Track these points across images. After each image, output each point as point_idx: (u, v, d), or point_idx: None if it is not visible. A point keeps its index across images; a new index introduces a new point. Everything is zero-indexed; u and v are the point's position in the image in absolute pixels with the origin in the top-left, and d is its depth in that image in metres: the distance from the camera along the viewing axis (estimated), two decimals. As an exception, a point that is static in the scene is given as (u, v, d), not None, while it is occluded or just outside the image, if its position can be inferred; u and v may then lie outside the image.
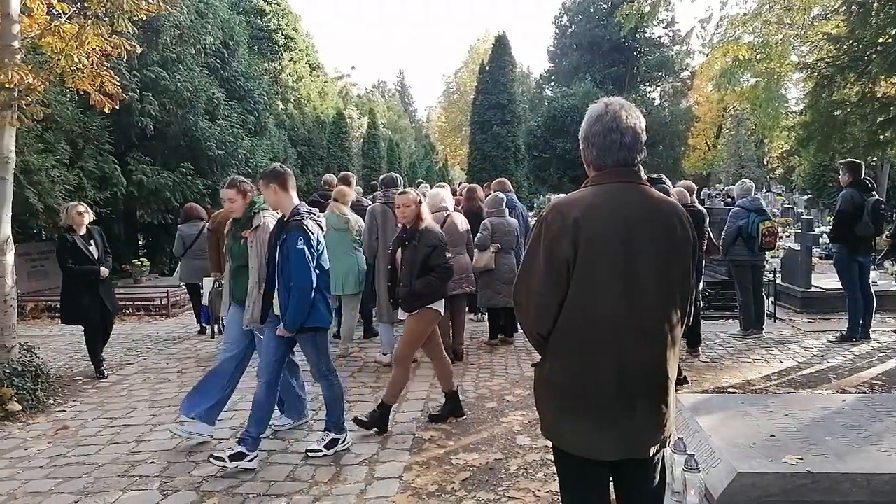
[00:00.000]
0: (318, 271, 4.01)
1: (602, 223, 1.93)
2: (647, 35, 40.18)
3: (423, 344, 4.73)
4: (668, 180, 5.77)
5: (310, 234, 3.97)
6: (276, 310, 4.07)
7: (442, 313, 4.73)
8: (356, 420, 4.53)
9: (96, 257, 6.21)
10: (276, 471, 3.96)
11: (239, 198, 4.52)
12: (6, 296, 5.57)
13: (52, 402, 5.49)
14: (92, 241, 6.25)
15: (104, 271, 6.27)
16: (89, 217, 6.33)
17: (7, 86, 5.29)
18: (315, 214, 4.17)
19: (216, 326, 8.03)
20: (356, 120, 38.93)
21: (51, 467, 4.12)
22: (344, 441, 4.24)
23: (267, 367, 4.09)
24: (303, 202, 4.25)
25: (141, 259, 12.77)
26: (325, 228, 4.24)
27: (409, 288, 4.51)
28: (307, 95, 27.23)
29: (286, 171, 4.16)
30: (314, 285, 3.94)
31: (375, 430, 4.52)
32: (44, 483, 3.87)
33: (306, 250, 3.90)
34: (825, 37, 10.35)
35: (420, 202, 4.70)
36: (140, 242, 15.48)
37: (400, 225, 4.84)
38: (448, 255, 4.63)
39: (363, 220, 6.55)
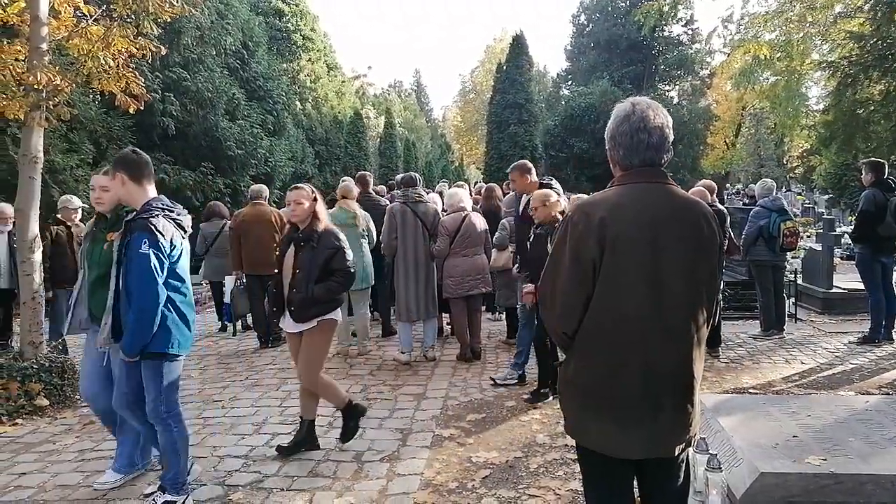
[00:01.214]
0: (176, 283, 3.34)
1: (628, 223, 1.94)
2: (666, 33, 39.84)
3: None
4: (556, 182, 5.78)
5: (159, 235, 3.22)
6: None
7: (339, 320, 4.26)
8: (279, 448, 4.16)
9: None
10: (299, 466, 4.01)
11: (115, 187, 3.49)
12: (34, 293, 5.68)
13: (78, 397, 5.59)
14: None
15: None
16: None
17: (35, 87, 5.39)
18: (175, 211, 3.46)
19: (238, 324, 8.16)
20: (373, 119, 39.09)
21: (79, 461, 4.20)
22: None
23: (153, 407, 3.39)
24: (161, 197, 3.49)
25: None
26: (188, 229, 3.52)
27: (305, 294, 3.93)
28: (325, 95, 27.42)
29: (141, 157, 3.44)
30: (160, 301, 3.22)
31: (304, 448, 4.14)
32: (72, 476, 3.95)
33: (152, 257, 3.17)
34: (848, 35, 10.23)
35: (316, 199, 4.11)
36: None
37: (290, 223, 4.24)
38: (349, 259, 4.09)
39: (383, 220, 6.60)
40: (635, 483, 2.18)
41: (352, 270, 4.11)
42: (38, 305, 5.73)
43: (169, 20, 6.57)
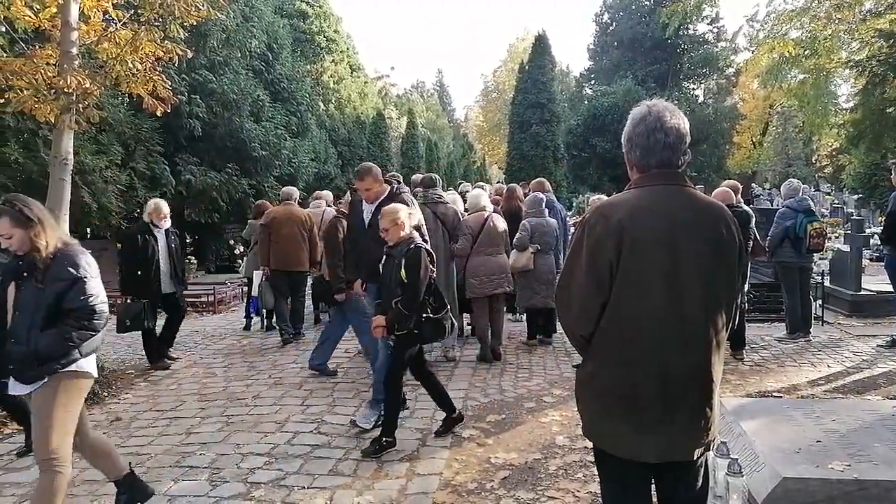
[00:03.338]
0: None
1: (646, 225, 1.94)
2: (691, 31, 39.35)
3: (76, 428, 3.07)
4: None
5: None
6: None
7: (95, 374, 3.18)
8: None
9: None
10: (320, 465, 4.06)
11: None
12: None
13: (105, 394, 5.71)
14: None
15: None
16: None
17: (66, 90, 5.51)
18: None
19: (263, 318, 8.39)
20: (395, 120, 39.25)
21: (106, 456, 4.29)
22: None
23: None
24: None
25: (189, 257, 13.17)
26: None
27: (25, 346, 2.89)
28: (347, 96, 27.60)
29: None
30: None
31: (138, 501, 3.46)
32: (99, 472, 4.03)
33: None
34: (877, 33, 10.02)
35: (42, 221, 3.00)
36: (188, 241, 15.94)
37: (11, 251, 3.09)
38: (92, 291, 3.00)
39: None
40: (653, 486, 2.17)
41: (97, 308, 3.00)
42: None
43: (195, 23, 6.68)
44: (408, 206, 4.63)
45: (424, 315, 4.19)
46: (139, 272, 6.32)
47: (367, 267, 4.79)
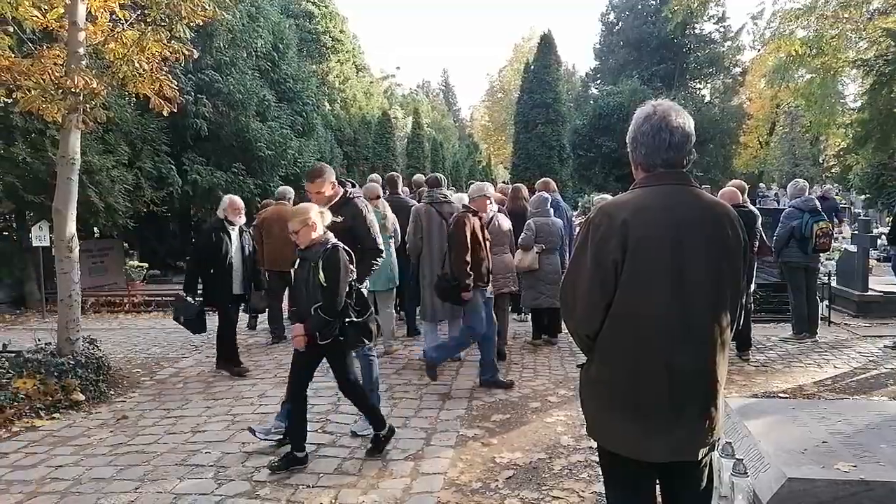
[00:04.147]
0: None
1: (651, 225, 1.94)
2: (697, 31, 39.24)
3: None
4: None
5: None
6: None
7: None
8: None
9: None
10: (325, 463, 4.07)
11: None
12: (71, 290, 5.85)
13: (112, 392, 5.74)
14: None
15: None
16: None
17: (73, 90, 5.55)
18: None
19: (256, 318, 8.48)
20: (401, 120, 39.27)
21: (112, 455, 4.32)
22: None
23: None
24: None
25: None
26: None
27: None
28: (353, 96, 27.66)
29: None
30: None
31: None
32: (106, 470, 4.06)
33: None
34: (885, 32, 9.97)
35: None
36: (193, 240, 15.98)
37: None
38: None
39: (409, 220, 6.64)
40: (658, 486, 2.17)
41: None
42: (75, 303, 5.89)
43: (201, 23, 6.71)
44: (363, 211, 4.48)
45: (347, 319, 3.93)
46: (212, 270, 6.10)
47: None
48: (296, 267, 4.00)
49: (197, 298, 6.23)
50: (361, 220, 4.47)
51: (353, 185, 4.78)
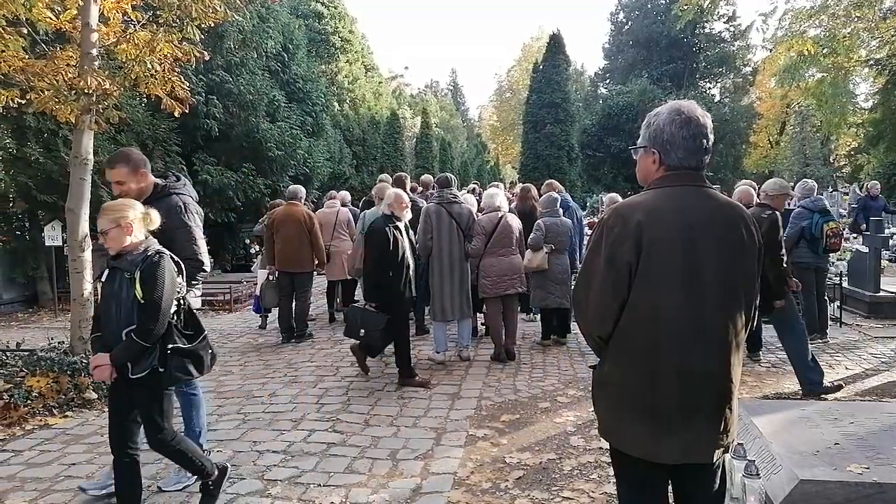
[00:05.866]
0: None
1: (666, 226, 1.93)
2: (707, 30, 39.14)
3: None
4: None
5: None
6: None
7: None
8: None
9: None
10: (336, 463, 4.08)
11: None
12: (84, 290, 5.89)
13: (124, 391, 5.77)
14: None
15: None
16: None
17: (86, 91, 5.59)
18: None
19: (263, 317, 8.62)
20: (409, 120, 39.27)
21: (125, 453, 4.34)
22: None
23: None
24: None
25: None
26: None
27: None
28: (362, 96, 27.68)
29: None
30: None
31: None
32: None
33: None
34: (898, 31, 9.90)
35: None
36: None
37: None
38: None
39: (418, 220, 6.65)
40: (670, 487, 2.17)
41: None
42: (88, 302, 5.94)
43: (212, 25, 6.75)
44: (181, 209, 3.68)
45: (171, 345, 3.10)
46: (391, 272, 5.52)
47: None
48: (104, 279, 3.13)
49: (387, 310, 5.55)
50: (178, 221, 3.62)
51: (178, 179, 3.90)
